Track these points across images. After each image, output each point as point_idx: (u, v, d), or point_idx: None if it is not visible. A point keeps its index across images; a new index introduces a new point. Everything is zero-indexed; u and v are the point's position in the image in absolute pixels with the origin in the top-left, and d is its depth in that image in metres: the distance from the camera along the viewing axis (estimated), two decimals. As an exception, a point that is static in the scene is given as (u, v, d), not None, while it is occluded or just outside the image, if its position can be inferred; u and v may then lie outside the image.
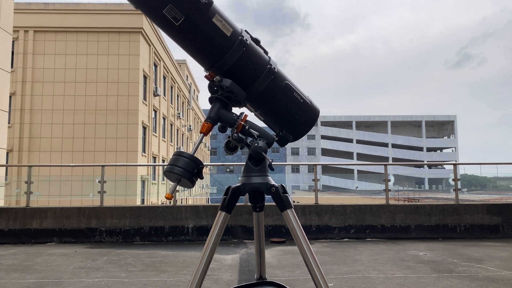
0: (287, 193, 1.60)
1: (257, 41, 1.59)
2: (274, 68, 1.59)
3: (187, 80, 39.82)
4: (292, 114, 1.67)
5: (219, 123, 1.56)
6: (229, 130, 1.60)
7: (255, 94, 1.57)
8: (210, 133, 1.56)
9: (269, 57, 1.62)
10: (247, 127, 1.56)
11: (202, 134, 1.49)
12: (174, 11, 1.39)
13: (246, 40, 1.51)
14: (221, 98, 1.54)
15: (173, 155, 1.40)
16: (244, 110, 1.64)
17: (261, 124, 1.74)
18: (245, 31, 1.56)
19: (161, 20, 1.43)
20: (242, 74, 1.54)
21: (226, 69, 1.51)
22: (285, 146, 66.39)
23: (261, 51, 1.60)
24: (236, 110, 1.60)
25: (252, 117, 1.69)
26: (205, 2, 1.40)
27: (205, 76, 1.58)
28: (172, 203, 6.78)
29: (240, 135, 1.56)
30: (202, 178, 1.40)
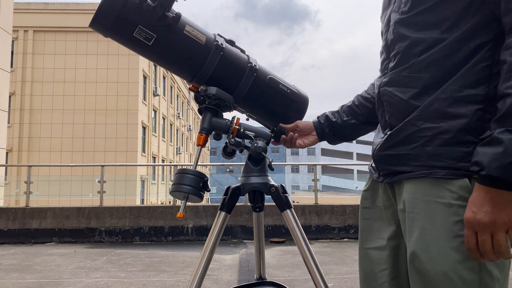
0: (286, 193, 1.60)
1: (232, 42, 1.58)
2: (255, 65, 1.58)
3: (186, 80, 39.82)
4: (282, 106, 1.67)
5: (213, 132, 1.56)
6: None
7: (242, 95, 1.56)
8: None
9: (248, 56, 1.61)
10: (242, 130, 1.55)
11: (200, 146, 1.48)
12: (145, 32, 1.37)
13: (222, 44, 1.50)
14: (210, 106, 1.52)
15: (176, 174, 1.39)
16: (235, 113, 1.64)
17: (254, 124, 1.73)
18: (218, 34, 1.55)
19: (133, 43, 1.42)
20: (225, 79, 1.53)
21: (208, 77, 1.50)
22: (285, 146, 66.43)
23: (238, 51, 1.59)
24: (227, 115, 1.59)
25: (244, 118, 1.68)
26: (173, 16, 1.38)
27: (189, 88, 1.57)
28: (172, 203, 6.78)
29: (237, 139, 1.55)
30: (209, 190, 1.39)
